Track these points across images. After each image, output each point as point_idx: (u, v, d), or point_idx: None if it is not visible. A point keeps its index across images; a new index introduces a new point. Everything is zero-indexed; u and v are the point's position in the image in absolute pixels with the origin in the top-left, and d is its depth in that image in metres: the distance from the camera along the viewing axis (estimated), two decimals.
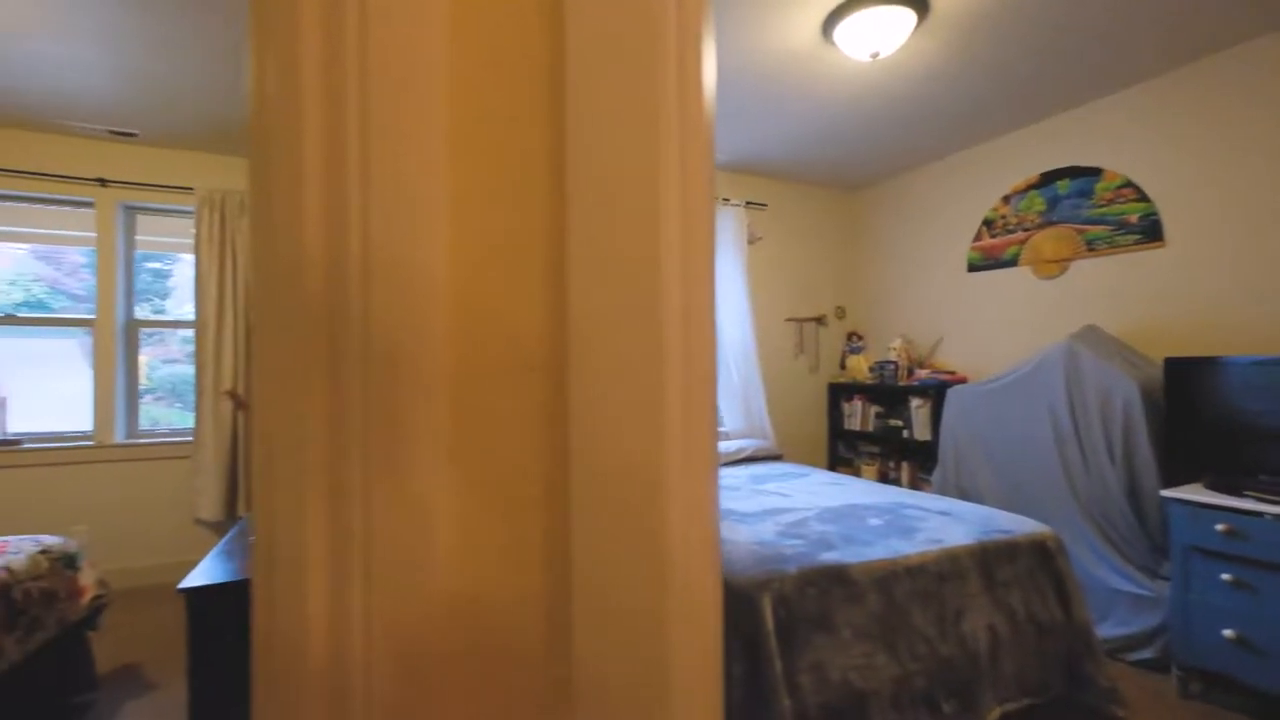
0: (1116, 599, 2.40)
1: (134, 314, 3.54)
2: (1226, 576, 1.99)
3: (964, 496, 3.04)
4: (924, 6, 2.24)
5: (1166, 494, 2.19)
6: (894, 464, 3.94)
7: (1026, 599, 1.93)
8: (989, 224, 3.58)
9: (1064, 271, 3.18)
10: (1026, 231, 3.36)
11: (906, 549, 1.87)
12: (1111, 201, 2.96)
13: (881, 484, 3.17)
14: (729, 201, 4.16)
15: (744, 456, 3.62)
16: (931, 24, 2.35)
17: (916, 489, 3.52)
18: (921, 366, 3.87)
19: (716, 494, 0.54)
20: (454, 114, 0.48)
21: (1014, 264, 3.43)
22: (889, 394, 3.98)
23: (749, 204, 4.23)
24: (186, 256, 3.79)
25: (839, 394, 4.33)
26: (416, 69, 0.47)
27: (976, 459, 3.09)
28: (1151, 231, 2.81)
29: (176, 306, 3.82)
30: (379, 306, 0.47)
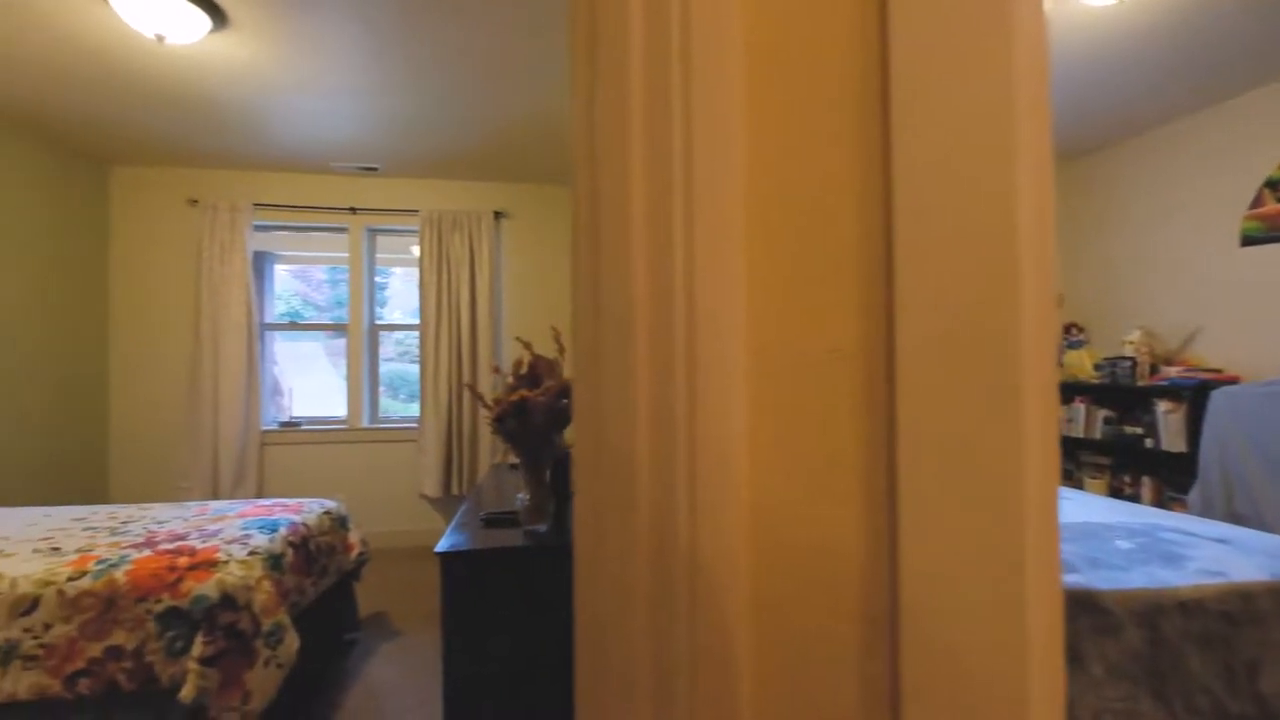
0: None
1: (375, 319, 4.22)
2: None
3: (1238, 521, 2.47)
4: None
5: None
6: (1130, 479, 3.33)
7: None
8: (1273, 185, 2.87)
9: None
10: None
11: (1175, 580, 1.57)
12: None
13: (1123, 501, 2.70)
14: None
15: None
16: None
17: (1164, 509, 2.93)
18: (1169, 363, 3.22)
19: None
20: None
21: None
22: (1123, 395, 3.37)
23: None
24: (397, 270, 4.44)
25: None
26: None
27: (1257, 477, 2.50)
28: None
29: (389, 313, 4.48)
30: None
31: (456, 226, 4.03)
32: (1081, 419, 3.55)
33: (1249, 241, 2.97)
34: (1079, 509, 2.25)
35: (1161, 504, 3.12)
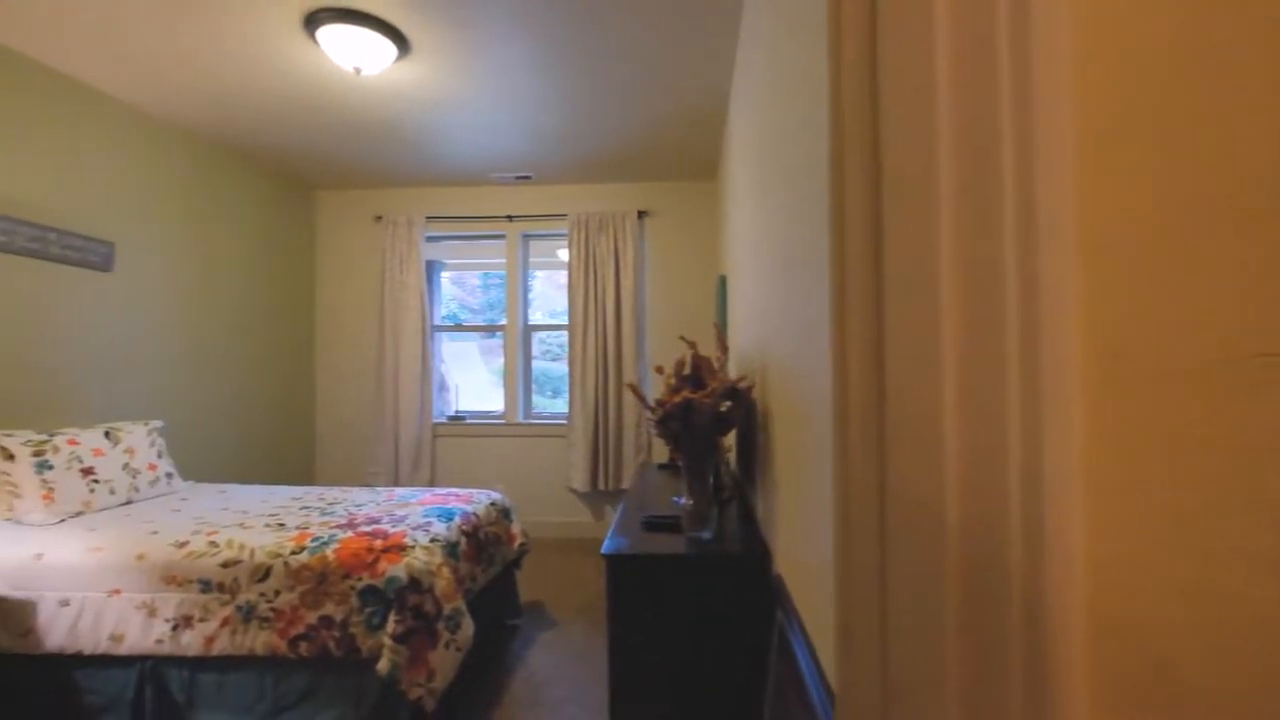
0: None
1: (529, 320, 4.45)
2: None
3: None
4: None
5: None
6: None
7: None
8: None
9: None
10: None
11: None
12: None
13: None
14: None
15: None
16: None
17: None
18: None
19: None
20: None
21: None
22: None
23: None
24: (539, 273, 4.62)
25: None
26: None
27: None
28: None
29: (532, 314, 4.68)
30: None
31: (602, 227, 4.11)
32: None
33: None
34: None
35: None
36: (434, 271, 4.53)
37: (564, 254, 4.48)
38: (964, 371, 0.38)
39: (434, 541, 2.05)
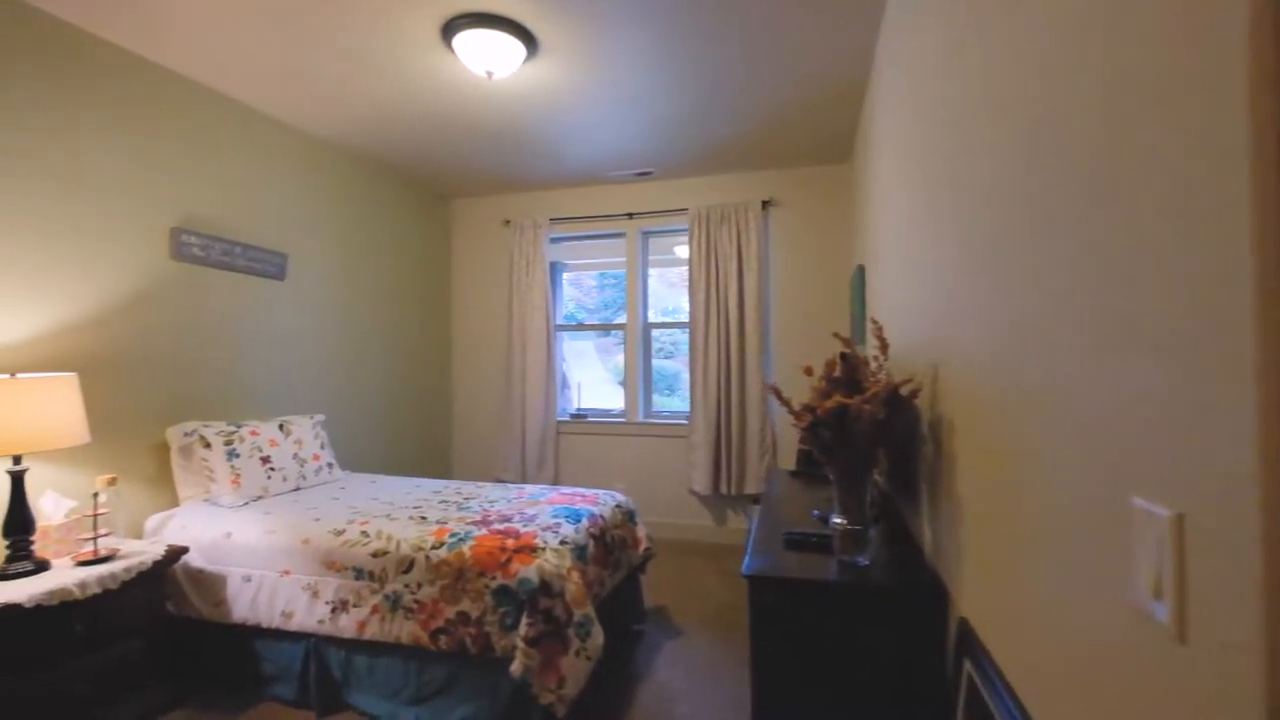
0: None
1: (648, 318, 4.40)
2: None
3: None
4: None
5: None
6: None
7: None
8: None
9: None
10: None
11: None
12: None
13: None
14: None
15: None
16: None
17: None
18: None
19: None
20: None
21: None
22: None
23: None
24: (652, 271, 4.52)
25: None
26: None
27: None
28: None
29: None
30: None
31: (724, 220, 3.95)
32: None
33: None
34: None
35: None
36: (556, 273, 4.63)
37: (681, 250, 4.37)
38: None
39: (563, 544, 2.02)
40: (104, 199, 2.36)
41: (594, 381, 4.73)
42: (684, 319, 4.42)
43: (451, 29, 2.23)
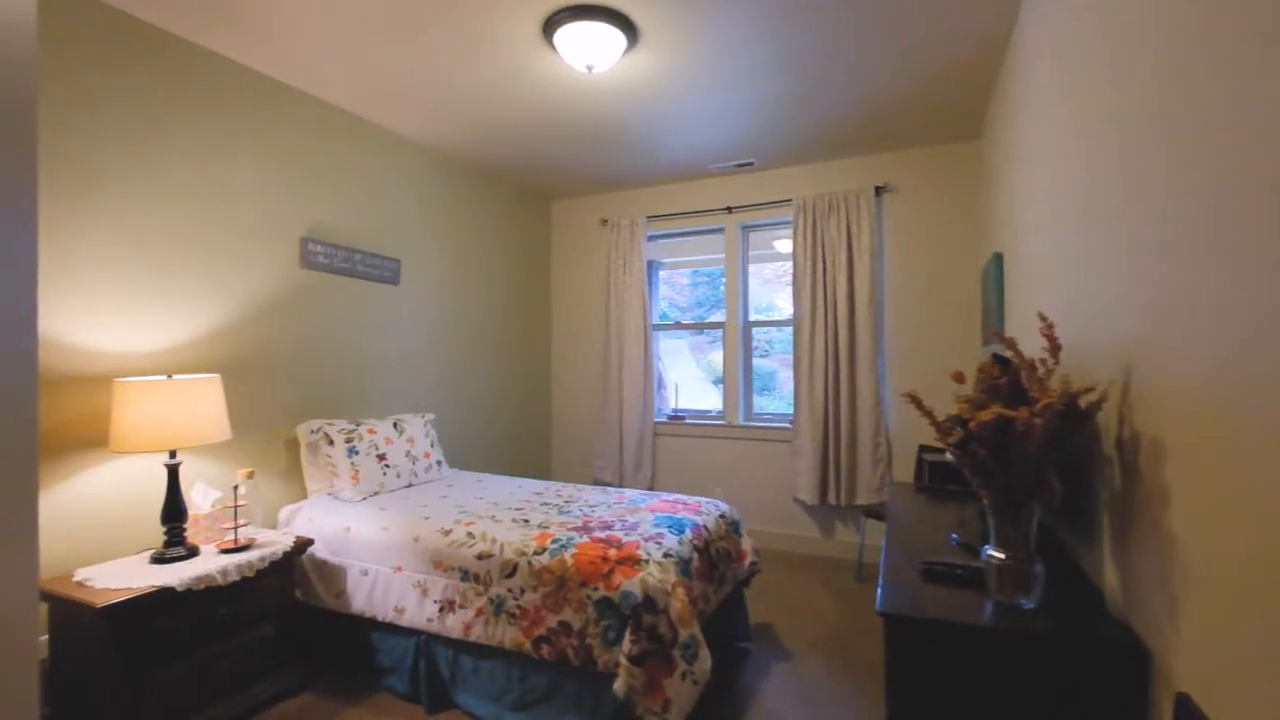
0: None
1: (749, 317, 4.20)
2: None
3: None
4: None
5: None
6: None
7: None
8: None
9: None
10: None
11: None
12: None
13: None
14: None
15: None
16: None
17: None
18: None
19: None
20: None
21: None
22: None
23: None
24: (750, 266, 4.28)
25: None
26: None
27: None
28: None
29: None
30: None
31: (832, 209, 3.67)
32: None
33: None
34: None
35: None
36: (653, 271, 4.55)
37: (780, 245, 4.14)
38: None
39: (667, 557, 1.91)
40: (242, 213, 2.56)
41: (687, 381, 4.60)
42: (779, 317, 4.19)
43: (552, 25, 2.19)
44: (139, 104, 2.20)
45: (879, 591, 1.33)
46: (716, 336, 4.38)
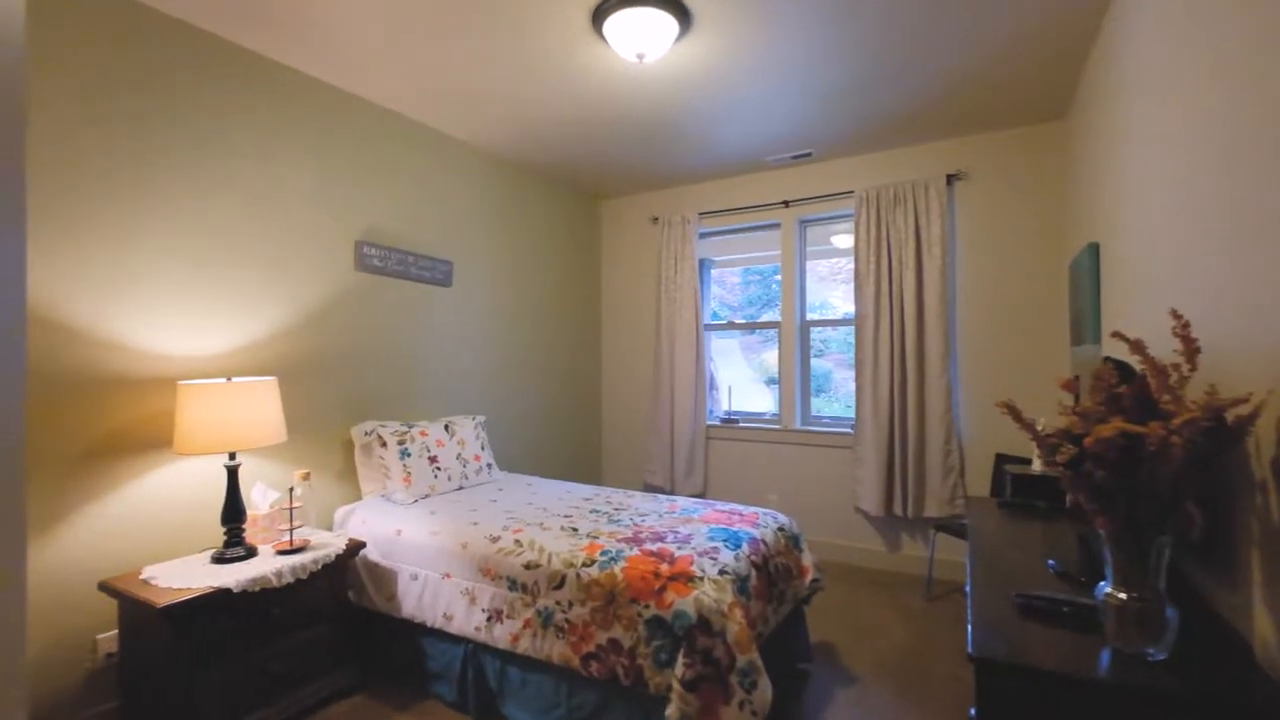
0: None
1: (806, 316, 4.00)
2: None
3: None
4: None
5: None
6: None
7: None
8: None
9: None
10: None
11: None
12: None
13: None
14: None
15: None
16: None
17: None
18: None
19: None
20: None
21: None
22: None
23: None
24: (809, 263, 4.06)
25: None
26: None
27: None
28: None
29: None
30: None
31: (898, 201, 3.44)
32: None
33: None
34: None
35: None
36: (705, 269, 4.41)
37: (839, 240, 3.91)
38: None
39: (723, 574, 1.79)
40: (299, 217, 2.60)
41: (739, 381, 4.44)
42: (834, 315, 3.97)
43: (602, 13, 2.10)
44: (206, 112, 2.26)
45: (969, 630, 1.17)
46: (768, 336, 4.20)
